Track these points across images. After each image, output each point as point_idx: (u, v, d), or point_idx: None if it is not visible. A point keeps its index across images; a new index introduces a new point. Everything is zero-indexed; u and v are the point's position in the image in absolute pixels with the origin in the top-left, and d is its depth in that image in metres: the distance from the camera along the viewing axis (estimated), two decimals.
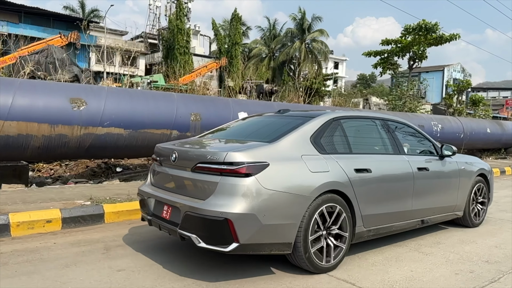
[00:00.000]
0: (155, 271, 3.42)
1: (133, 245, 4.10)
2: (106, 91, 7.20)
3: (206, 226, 3.10)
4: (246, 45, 44.45)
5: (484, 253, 4.24)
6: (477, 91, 57.99)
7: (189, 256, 3.79)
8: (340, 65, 60.75)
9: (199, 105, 8.04)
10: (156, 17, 41.72)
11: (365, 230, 3.86)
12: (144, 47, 35.94)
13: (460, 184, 5.06)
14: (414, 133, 4.97)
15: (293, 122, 3.88)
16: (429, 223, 4.72)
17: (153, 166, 4.11)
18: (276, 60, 41.56)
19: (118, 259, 3.67)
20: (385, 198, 4.07)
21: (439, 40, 23.85)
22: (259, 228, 3.10)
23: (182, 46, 31.24)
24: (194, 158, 3.43)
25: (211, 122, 7.63)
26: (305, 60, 40.81)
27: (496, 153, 17.51)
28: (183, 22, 31.68)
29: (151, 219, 3.70)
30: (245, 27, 44.03)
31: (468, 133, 14.78)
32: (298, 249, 3.31)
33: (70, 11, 38.63)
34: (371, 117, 4.62)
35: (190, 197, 3.35)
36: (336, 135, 3.95)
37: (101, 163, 8.58)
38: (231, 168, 3.14)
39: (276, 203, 3.19)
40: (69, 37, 21.39)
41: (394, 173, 4.20)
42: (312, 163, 3.49)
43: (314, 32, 42.02)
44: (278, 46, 43.60)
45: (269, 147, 3.43)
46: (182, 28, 31.51)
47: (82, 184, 7.09)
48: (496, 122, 18.57)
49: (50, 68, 13.08)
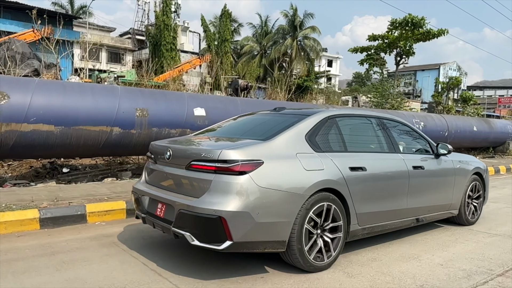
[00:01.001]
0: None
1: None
2: (36, 83, 6.53)
3: (200, 224, 3.09)
4: (237, 42, 43.73)
5: (423, 274, 3.50)
6: (474, 89, 58.18)
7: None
8: (334, 63, 59.67)
9: (147, 100, 7.44)
10: (145, 13, 41.01)
11: (359, 228, 3.86)
12: (131, 43, 35.06)
13: (455, 183, 5.06)
14: (410, 131, 4.97)
15: (288, 120, 3.88)
16: (424, 222, 4.73)
17: (147, 163, 4.09)
18: (267, 58, 40.86)
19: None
20: (380, 196, 4.07)
21: (427, 35, 23.24)
22: (253, 226, 3.10)
23: (169, 43, 30.56)
24: (189, 156, 3.42)
25: (161, 119, 7.40)
26: (297, 58, 40.19)
27: (484, 152, 17.04)
28: (169, 18, 30.96)
29: (145, 216, 3.69)
30: (237, 24, 43.19)
31: (453, 131, 14.25)
32: (292, 247, 3.30)
33: (59, 7, 37.76)
34: (367, 116, 4.61)
35: (184, 195, 3.34)
36: (331, 133, 3.95)
37: (46, 163, 8.09)
38: (225, 166, 3.13)
39: (270, 201, 3.18)
40: (42, 31, 20.76)
41: (389, 171, 4.20)
42: (307, 161, 3.48)
43: (306, 29, 41.36)
44: (270, 43, 42.85)
45: (264, 145, 3.42)
46: (168, 24, 30.84)
47: (17, 187, 6.48)
48: (484, 120, 17.84)
49: (9, 62, 12.60)
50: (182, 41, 38.21)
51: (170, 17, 31.08)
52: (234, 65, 38.08)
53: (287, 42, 40.44)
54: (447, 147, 4.93)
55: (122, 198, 5.43)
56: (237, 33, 43.74)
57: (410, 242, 4.50)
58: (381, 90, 21.11)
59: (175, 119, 7.64)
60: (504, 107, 41.63)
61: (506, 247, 4.39)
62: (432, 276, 3.46)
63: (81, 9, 39.87)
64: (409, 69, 58.63)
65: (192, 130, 7.39)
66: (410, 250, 4.21)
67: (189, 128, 7.67)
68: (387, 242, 4.44)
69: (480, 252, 4.19)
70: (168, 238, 4.08)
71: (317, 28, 41.18)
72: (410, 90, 54.56)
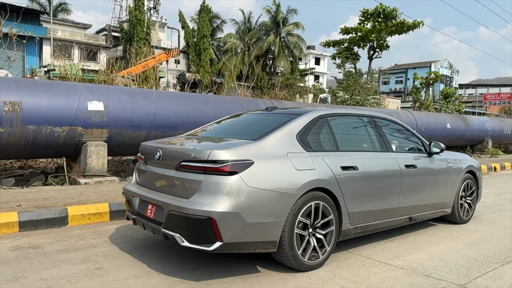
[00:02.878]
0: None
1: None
2: None
3: (189, 225, 3.07)
4: (220, 39, 42.64)
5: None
6: (466, 87, 58.13)
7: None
8: (321, 61, 58.60)
9: (23, 92, 6.23)
10: (122, 9, 39.28)
11: (351, 227, 3.84)
12: (105, 40, 33.21)
13: (448, 181, 5.06)
14: (403, 130, 4.96)
15: (280, 120, 3.86)
16: (417, 220, 4.73)
17: (138, 164, 4.06)
18: (250, 55, 39.43)
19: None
20: (372, 195, 4.05)
21: (401, 27, 21.81)
22: (243, 226, 3.08)
23: (142, 38, 29.17)
24: (178, 156, 3.40)
25: (40, 115, 6.26)
26: (280, 55, 39.06)
27: (461, 151, 15.95)
28: (142, 12, 29.67)
29: (136, 218, 3.66)
30: (220, 21, 42.15)
31: (423, 128, 13.33)
32: (284, 247, 3.29)
33: (36, 5, 36.19)
34: (359, 115, 4.60)
35: (174, 196, 3.32)
36: (323, 132, 3.93)
37: None
38: (215, 166, 3.11)
39: (261, 201, 3.16)
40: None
41: (381, 170, 4.19)
42: (298, 160, 3.47)
43: (289, 25, 40.16)
44: (253, 40, 41.62)
45: (254, 145, 3.40)
46: (141, 19, 29.48)
47: None
48: (459, 116, 16.52)
49: None
50: (159, 37, 36.70)
51: (143, 12, 29.70)
52: (217, 62, 37.00)
53: (269, 39, 39.31)
54: (440, 145, 4.93)
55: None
56: (220, 30, 42.65)
57: (368, 258, 3.91)
58: (345, 85, 20.14)
59: (61, 114, 6.45)
60: (490, 104, 41.02)
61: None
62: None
63: (59, 6, 38.76)
64: (400, 67, 58.49)
65: (86, 128, 6.69)
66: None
67: (80, 126, 6.65)
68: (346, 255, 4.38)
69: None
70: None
71: (300, 24, 40.12)
72: (402, 88, 54.27)
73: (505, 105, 38.52)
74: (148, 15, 34.87)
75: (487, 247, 4.32)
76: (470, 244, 4.45)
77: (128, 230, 4.53)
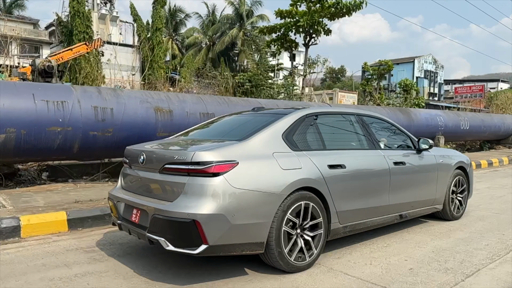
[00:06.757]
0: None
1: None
2: None
3: (174, 228, 3.02)
4: (183, 34, 41.52)
5: None
6: (453, 83, 57.62)
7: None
8: (297, 57, 57.78)
9: None
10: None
11: (341, 226, 3.81)
12: (55, 35, 31.15)
13: (438, 178, 5.04)
14: (391, 127, 4.94)
15: (265, 120, 3.82)
16: (408, 218, 4.70)
17: (123, 169, 4.01)
18: (213, 50, 37.82)
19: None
20: (361, 193, 4.02)
21: (340, 10, 18.35)
22: (229, 228, 3.03)
23: (81, 32, 26.67)
24: (162, 159, 3.35)
25: None
26: (244, 50, 36.43)
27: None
28: (81, 4, 27.18)
29: (121, 223, 3.60)
30: (184, 15, 41.00)
31: None
32: (271, 248, 3.24)
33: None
34: (345, 113, 4.57)
35: (159, 200, 3.27)
36: (309, 131, 3.90)
37: None
38: (199, 168, 3.06)
39: (246, 202, 3.12)
40: None
41: (369, 168, 4.16)
42: (284, 160, 3.43)
43: (253, 17, 38.74)
44: (217, 34, 39.98)
45: (239, 146, 3.36)
46: (81, 11, 26.90)
47: None
48: (400, 110, 13.97)
49: None
50: (111, 31, 34.62)
51: (82, 4, 27.29)
52: (181, 58, 35.63)
53: (232, 33, 37.67)
54: (428, 142, 4.91)
55: None
56: (183, 24, 41.45)
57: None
58: (252, 74, 17.12)
59: None
60: (461, 97, 36.07)
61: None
62: None
63: (15, 2, 37.74)
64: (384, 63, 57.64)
65: None
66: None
67: None
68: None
69: None
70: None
71: (265, 17, 38.57)
72: (385, 84, 53.68)
73: (477, 98, 34.54)
74: (103, 10, 33.17)
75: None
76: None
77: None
